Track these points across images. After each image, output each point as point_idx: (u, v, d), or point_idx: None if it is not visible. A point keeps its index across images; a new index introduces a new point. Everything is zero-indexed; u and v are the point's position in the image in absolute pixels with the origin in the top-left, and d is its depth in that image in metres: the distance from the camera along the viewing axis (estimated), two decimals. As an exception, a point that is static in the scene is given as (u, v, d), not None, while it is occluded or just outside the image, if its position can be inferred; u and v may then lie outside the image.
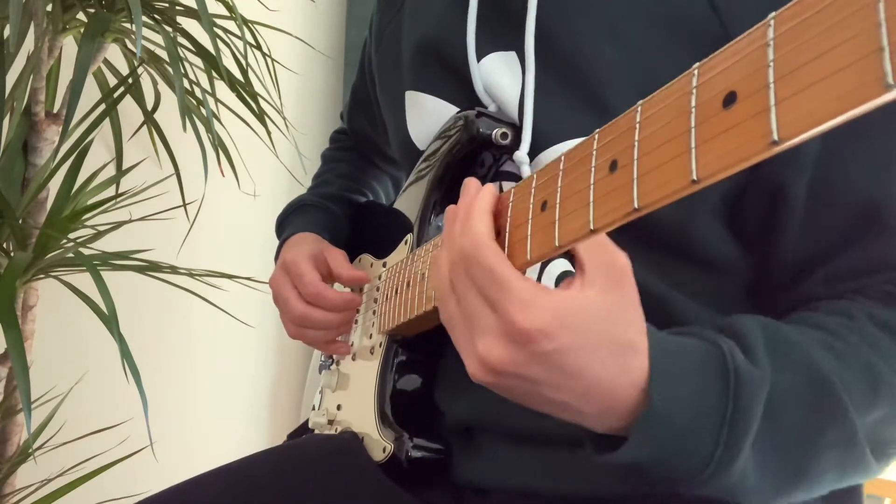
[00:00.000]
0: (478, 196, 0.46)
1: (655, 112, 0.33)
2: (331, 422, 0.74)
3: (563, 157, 0.41)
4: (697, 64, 0.31)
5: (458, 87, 0.65)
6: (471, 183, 0.48)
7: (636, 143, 0.34)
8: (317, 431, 0.77)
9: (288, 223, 0.88)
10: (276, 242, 0.87)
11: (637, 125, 0.34)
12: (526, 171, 0.58)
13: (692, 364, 0.44)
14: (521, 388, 0.43)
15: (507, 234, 0.45)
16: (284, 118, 1.40)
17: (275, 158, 1.44)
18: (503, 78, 0.61)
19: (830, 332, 0.49)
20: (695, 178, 0.30)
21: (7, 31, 0.92)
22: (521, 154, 0.58)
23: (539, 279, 0.59)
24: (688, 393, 0.43)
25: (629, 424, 0.43)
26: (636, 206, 0.33)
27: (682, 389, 0.43)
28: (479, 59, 0.63)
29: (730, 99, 0.29)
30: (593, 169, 0.37)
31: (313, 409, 0.83)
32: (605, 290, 0.41)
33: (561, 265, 0.58)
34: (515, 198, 0.45)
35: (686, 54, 0.54)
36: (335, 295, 0.73)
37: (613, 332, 0.42)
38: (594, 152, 0.38)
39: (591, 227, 0.37)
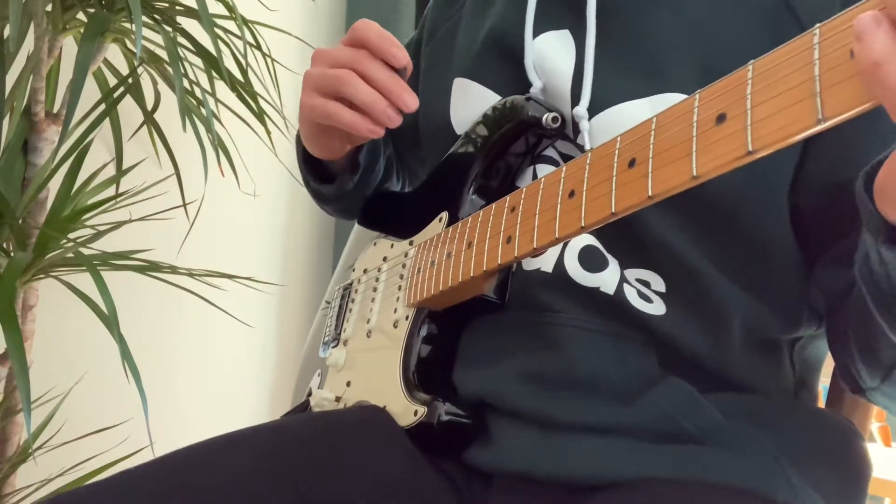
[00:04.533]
0: None
1: (771, 67, 0.37)
2: (338, 398, 0.74)
3: (654, 119, 0.43)
4: (818, 24, 0.35)
5: (510, 77, 0.66)
6: None
7: (748, 96, 0.37)
8: (317, 410, 0.76)
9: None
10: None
11: (749, 81, 0.38)
12: (585, 125, 0.58)
13: None
14: None
15: (584, 193, 0.47)
16: (284, 118, 1.40)
17: (275, 158, 1.44)
18: (554, 51, 0.62)
19: None
20: (820, 116, 0.33)
21: (7, 31, 0.92)
22: (581, 109, 0.59)
23: (562, 253, 0.60)
24: None
25: None
26: (750, 149, 0.37)
27: None
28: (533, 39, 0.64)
29: None
30: (695, 123, 0.40)
31: (310, 392, 0.82)
32: None
33: (583, 239, 0.59)
34: (593, 159, 0.47)
35: (749, 23, 0.55)
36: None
37: None
38: (696, 109, 0.40)
39: (694, 174, 0.39)
